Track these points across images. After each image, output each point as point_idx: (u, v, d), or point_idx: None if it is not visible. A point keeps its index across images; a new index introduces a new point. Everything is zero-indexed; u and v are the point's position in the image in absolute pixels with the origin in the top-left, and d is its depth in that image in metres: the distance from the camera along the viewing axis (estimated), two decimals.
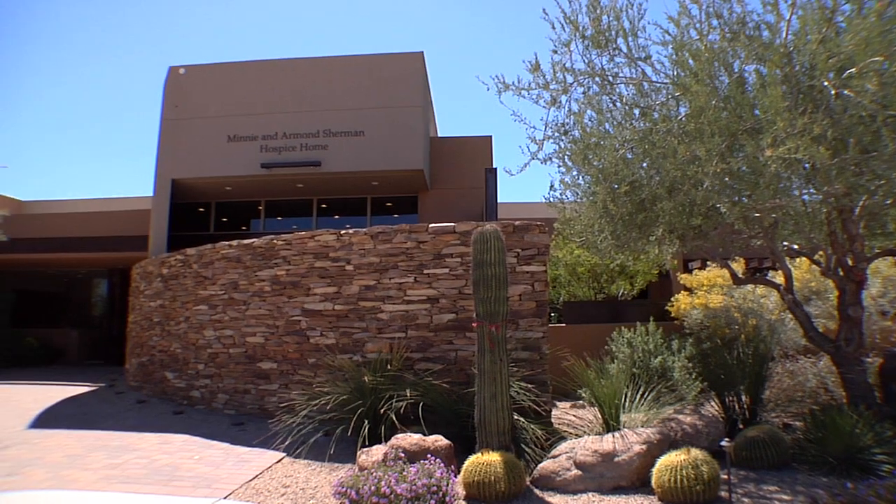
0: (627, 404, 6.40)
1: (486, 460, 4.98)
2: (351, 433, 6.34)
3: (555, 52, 6.30)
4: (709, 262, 10.87)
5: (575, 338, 9.79)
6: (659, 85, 6.10)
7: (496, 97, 6.33)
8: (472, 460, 5.06)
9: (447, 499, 4.58)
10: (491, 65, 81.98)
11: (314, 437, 6.67)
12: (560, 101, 6.41)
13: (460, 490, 5.03)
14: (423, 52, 15.14)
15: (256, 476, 5.80)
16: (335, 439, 6.51)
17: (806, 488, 5.02)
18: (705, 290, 9.93)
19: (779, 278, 7.76)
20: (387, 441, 5.74)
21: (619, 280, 13.00)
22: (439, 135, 19.29)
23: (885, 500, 4.14)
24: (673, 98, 5.94)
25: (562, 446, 5.61)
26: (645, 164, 6.26)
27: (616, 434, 5.53)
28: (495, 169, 13.98)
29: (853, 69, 4.56)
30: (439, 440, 5.58)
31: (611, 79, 6.30)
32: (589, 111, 6.55)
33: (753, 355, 6.92)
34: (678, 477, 4.67)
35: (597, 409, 6.40)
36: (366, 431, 6.24)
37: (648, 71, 6.09)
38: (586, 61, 6.25)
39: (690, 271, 11.44)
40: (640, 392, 6.72)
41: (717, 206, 5.68)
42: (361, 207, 16.60)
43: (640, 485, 5.18)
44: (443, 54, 70.24)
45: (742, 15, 5.43)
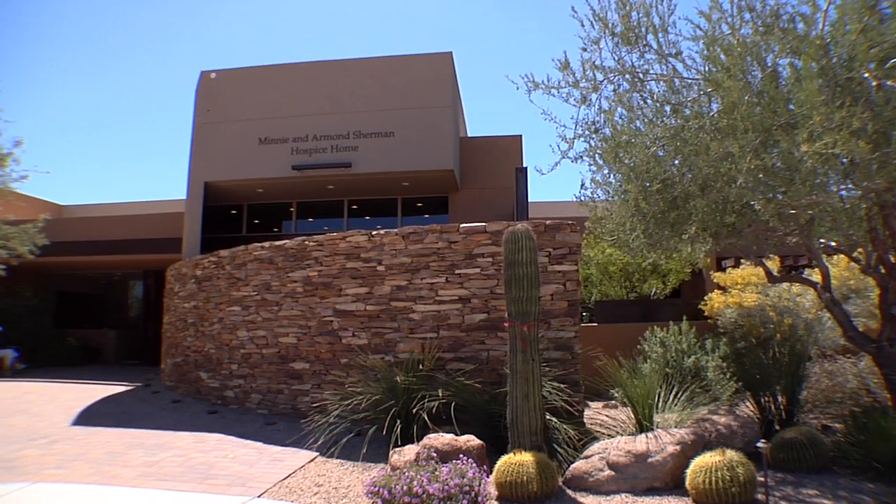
0: (660, 404, 6.34)
1: (519, 460, 4.97)
2: (383, 433, 6.37)
3: (584, 49, 6.26)
4: (743, 260, 10.68)
5: (607, 337, 9.71)
6: (690, 81, 6.01)
7: (526, 96, 6.32)
8: (504, 460, 5.05)
9: (479, 499, 4.58)
10: (519, 64, 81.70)
11: (346, 436, 6.73)
12: (590, 100, 6.37)
13: (492, 490, 5.02)
14: (451, 53, 15.11)
15: (290, 475, 5.85)
16: (367, 439, 6.55)
17: (849, 493, 4.88)
18: (739, 289, 9.77)
19: (815, 276, 7.59)
20: (419, 441, 5.76)
21: (652, 279, 12.87)
22: (469, 135, 19.25)
23: None
24: (705, 94, 5.84)
25: (594, 447, 5.57)
26: (677, 162, 6.17)
27: (649, 434, 5.47)
28: (526, 168, 13.91)
29: None
30: (471, 440, 5.58)
31: (641, 76, 6.23)
32: (619, 109, 6.49)
33: (790, 355, 6.78)
34: (713, 478, 4.60)
35: (629, 409, 6.34)
36: (398, 431, 6.27)
37: (679, 67, 6.01)
38: (616, 58, 6.20)
39: (724, 270, 11.27)
40: (674, 392, 6.64)
41: (752, 203, 5.57)
42: (392, 208, 16.65)
43: (674, 486, 5.11)
44: (471, 54, 70.25)
45: (776, 7, 5.31)
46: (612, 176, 6.96)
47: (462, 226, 7.82)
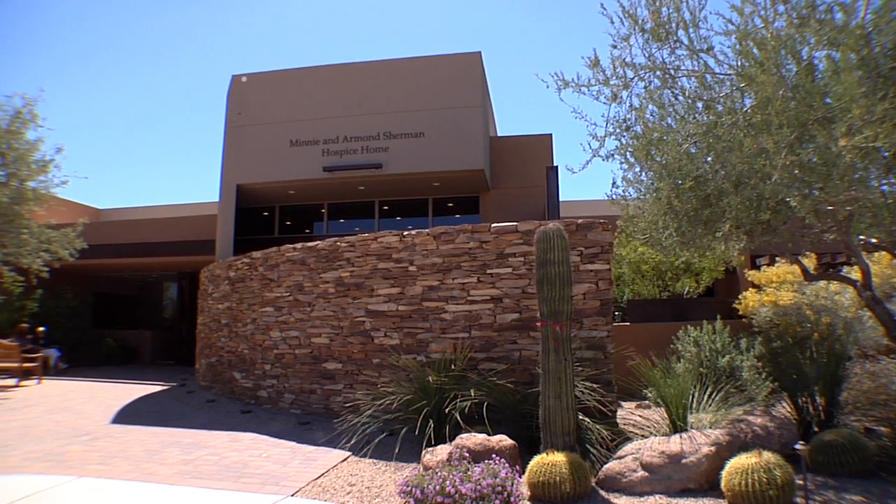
0: (694, 405, 6.25)
1: (551, 461, 4.94)
2: (415, 433, 6.39)
3: (614, 47, 6.21)
4: (778, 258, 10.49)
5: (640, 337, 9.62)
6: (722, 77, 5.92)
7: (556, 95, 6.28)
8: (536, 460, 5.03)
9: (512, 499, 4.56)
10: (549, 63, 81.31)
11: (379, 436, 6.77)
12: (621, 97, 6.32)
13: (525, 490, 5.01)
14: (480, 53, 15.08)
15: (323, 474, 5.90)
16: (400, 439, 6.57)
17: None
18: (774, 287, 9.60)
19: (855, 274, 7.42)
20: (451, 441, 5.76)
21: (685, 277, 12.71)
22: (499, 134, 19.21)
23: None
24: (737, 89, 5.75)
25: (628, 447, 5.52)
26: (709, 159, 6.09)
27: (683, 435, 5.41)
28: (556, 167, 13.85)
29: None
30: (504, 440, 5.58)
31: (672, 72, 6.16)
32: (650, 106, 6.43)
33: (828, 355, 6.62)
34: (749, 480, 4.50)
35: (663, 409, 6.27)
36: (430, 431, 6.29)
37: (711, 62, 5.93)
38: (646, 55, 6.14)
39: (758, 268, 11.09)
40: (708, 392, 6.55)
41: (787, 199, 5.46)
42: (423, 208, 16.68)
43: (709, 488, 5.03)
44: (500, 54, 70.08)
45: None
46: (643, 174, 6.90)
47: (493, 225, 7.81)
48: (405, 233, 8.38)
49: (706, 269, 12.28)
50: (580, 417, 5.85)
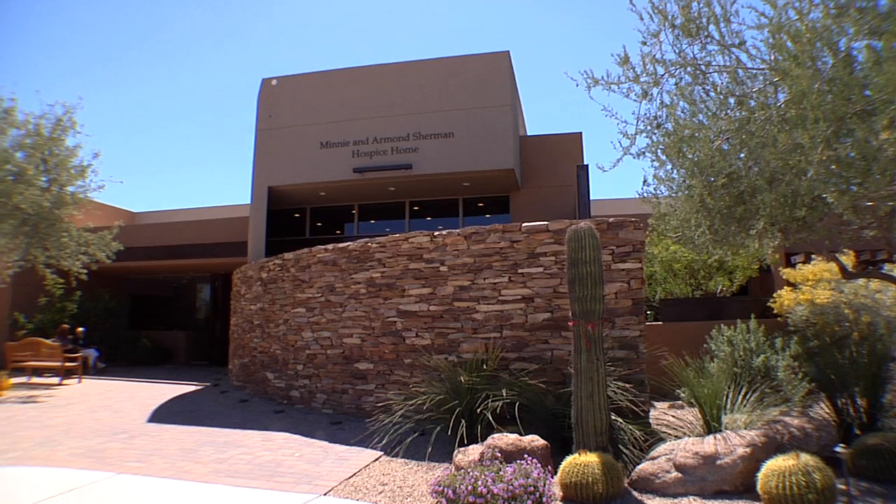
0: (729, 405, 6.16)
1: (584, 461, 4.92)
2: (447, 433, 6.40)
3: (644, 43, 6.14)
4: (814, 256, 10.29)
5: (672, 336, 9.51)
6: (755, 71, 5.81)
7: (585, 93, 6.25)
8: (569, 461, 5.01)
9: (544, 499, 4.55)
10: (577, 61, 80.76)
11: (411, 436, 6.80)
12: (651, 94, 6.25)
13: (557, 491, 4.99)
14: (508, 52, 15.01)
15: (355, 474, 5.94)
16: (432, 439, 6.59)
17: None
18: (810, 286, 9.41)
19: None
20: (483, 441, 5.77)
21: (718, 276, 12.53)
22: (528, 133, 19.13)
23: None
24: (771, 84, 5.64)
25: (661, 448, 5.46)
26: (742, 155, 5.99)
27: (717, 436, 5.33)
28: (587, 165, 13.73)
29: None
30: (536, 440, 5.56)
31: (703, 68, 6.07)
32: (681, 103, 6.34)
33: (869, 355, 6.45)
34: (787, 483, 4.39)
35: (696, 409, 6.19)
36: (462, 431, 6.29)
37: (743, 57, 5.82)
38: (677, 51, 6.06)
39: (793, 265, 10.89)
40: (742, 392, 6.44)
41: (824, 195, 5.34)
42: (453, 208, 16.68)
43: (745, 490, 4.95)
44: (528, 52, 69.83)
45: None
46: (675, 171, 6.82)
47: (524, 225, 7.80)
48: (436, 233, 8.40)
49: (739, 267, 12.10)
50: (612, 417, 5.80)
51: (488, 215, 16.59)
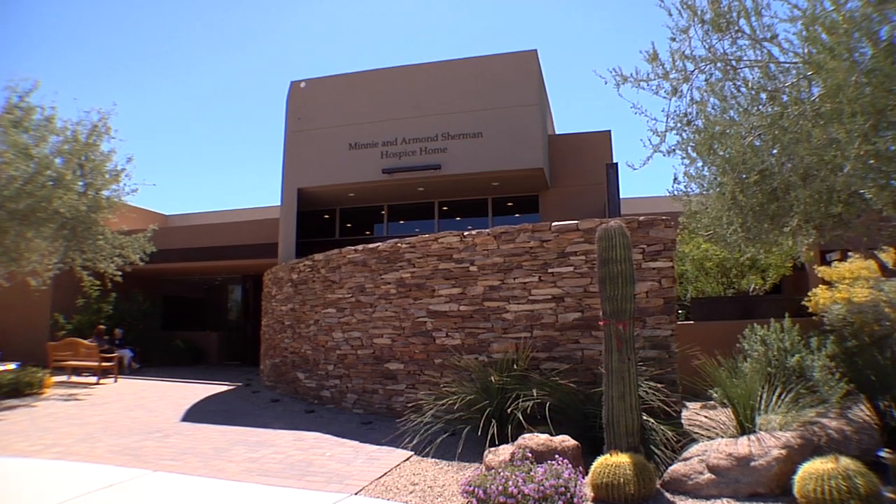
0: (763, 406, 6.04)
1: (615, 462, 4.87)
2: (478, 433, 6.40)
3: (673, 39, 6.08)
4: (850, 253, 10.05)
5: (704, 335, 9.38)
6: (787, 66, 5.71)
7: (614, 90, 6.19)
8: (600, 461, 4.97)
9: (575, 500, 4.53)
10: (605, 58, 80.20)
11: (441, 436, 6.81)
12: (681, 91, 6.19)
13: (588, 492, 4.96)
14: (536, 50, 14.94)
15: (385, 473, 5.96)
16: (462, 439, 6.59)
17: None
18: (847, 284, 9.20)
19: None
20: (513, 441, 5.75)
21: (750, 274, 12.33)
22: (557, 132, 19.03)
23: None
24: (804, 78, 5.52)
25: (693, 448, 5.39)
26: (775, 151, 5.89)
27: (751, 437, 5.24)
28: (616, 164, 13.59)
29: None
30: (566, 440, 5.53)
31: (734, 63, 5.98)
32: (712, 99, 6.28)
33: None
34: (826, 487, 4.25)
35: (729, 410, 6.09)
36: (493, 431, 6.29)
37: (775, 51, 5.72)
38: (707, 47, 5.98)
39: (829, 263, 10.66)
40: (777, 393, 6.31)
41: (861, 191, 5.23)
42: (482, 208, 16.66)
43: (780, 493, 4.84)
44: (556, 51, 69.49)
45: None
46: (706, 169, 6.74)
47: (554, 224, 7.76)
48: (465, 233, 8.41)
49: (773, 265, 11.90)
50: (644, 418, 5.75)
51: (517, 215, 16.54)
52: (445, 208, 17.00)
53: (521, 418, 6.23)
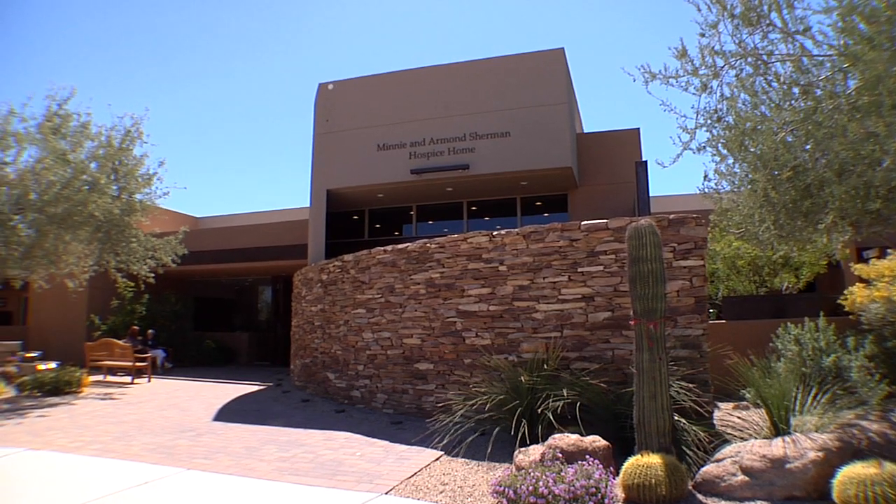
0: (797, 407, 5.92)
1: (647, 462, 4.82)
2: (508, 433, 6.39)
3: (702, 35, 6.00)
4: (889, 250, 9.82)
5: (736, 335, 9.25)
6: (821, 58, 5.58)
7: (643, 88, 6.14)
8: (631, 462, 4.92)
9: (605, 501, 4.49)
10: (633, 55, 79.48)
11: (471, 436, 6.80)
12: (711, 87, 6.10)
13: (619, 492, 4.91)
14: (563, 49, 14.84)
15: (415, 473, 5.97)
16: (492, 439, 6.58)
17: None
18: (886, 282, 8.98)
19: None
20: (544, 441, 5.73)
21: (783, 273, 12.13)
22: (585, 130, 18.91)
23: None
24: (840, 71, 5.40)
25: (726, 450, 5.31)
26: (808, 147, 5.78)
27: (786, 438, 5.14)
28: (646, 162, 13.43)
29: None
30: (597, 441, 5.50)
31: (765, 57, 5.87)
32: (742, 94, 6.18)
33: None
34: (870, 493, 4.09)
35: (762, 410, 5.98)
36: (523, 431, 6.27)
37: (808, 44, 5.60)
38: (736, 41, 5.88)
39: (866, 261, 10.41)
40: (812, 394, 6.19)
41: None
42: (511, 208, 16.61)
43: (818, 497, 4.72)
44: (582, 48, 69.05)
45: None
46: (737, 165, 6.66)
47: (583, 223, 7.72)
48: (495, 233, 8.40)
49: (806, 263, 11.68)
50: (675, 418, 5.68)
51: (546, 214, 16.46)
52: (474, 208, 16.99)
53: (551, 418, 6.20)
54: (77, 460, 6.71)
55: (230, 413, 10.09)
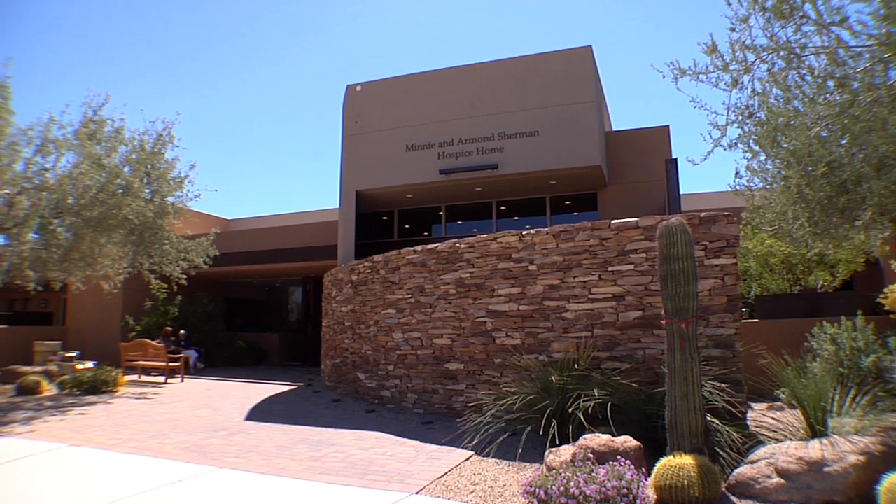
0: (835, 408, 5.78)
1: (679, 463, 4.76)
2: (538, 433, 6.36)
3: (732, 29, 5.90)
4: None
5: (769, 334, 9.09)
6: (859, 49, 5.43)
7: (672, 84, 6.05)
8: (663, 463, 4.86)
9: (637, 502, 4.45)
10: (662, 52, 78.51)
11: (501, 436, 6.78)
12: (742, 82, 6.00)
13: (651, 494, 4.85)
14: (591, 47, 14.76)
15: (446, 473, 5.97)
16: (522, 439, 6.55)
17: None
18: None
19: None
20: (574, 441, 5.69)
21: (818, 271, 11.88)
22: (613, 128, 18.76)
23: None
24: (879, 62, 5.24)
25: (760, 451, 5.21)
26: (844, 141, 5.64)
27: (823, 441, 5.01)
28: (676, 159, 13.26)
29: None
30: (629, 441, 5.45)
31: (798, 51, 5.74)
32: (774, 89, 6.06)
33: None
34: None
35: (798, 411, 5.84)
36: (553, 431, 6.23)
37: (844, 35, 5.45)
38: (768, 35, 5.76)
39: None
40: (851, 395, 6.03)
41: None
42: (540, 207, 16.57)
43: (860, 503, 4.56)
44: (610, 46, 68.45)
45: None
46: (769, 162, 6.54)
47: (613, 222, 7.66)
48: (524, 232, 8.39)
49: (843, 260, 11.42)
50: (708, 419, 5.59)
51: (576, 213, 16.38)
52: (503, 208, 16.96)
53: (581, 418, 6.16)
54: (114, 457, 6.90)
55: (261, 413, 10.21)
